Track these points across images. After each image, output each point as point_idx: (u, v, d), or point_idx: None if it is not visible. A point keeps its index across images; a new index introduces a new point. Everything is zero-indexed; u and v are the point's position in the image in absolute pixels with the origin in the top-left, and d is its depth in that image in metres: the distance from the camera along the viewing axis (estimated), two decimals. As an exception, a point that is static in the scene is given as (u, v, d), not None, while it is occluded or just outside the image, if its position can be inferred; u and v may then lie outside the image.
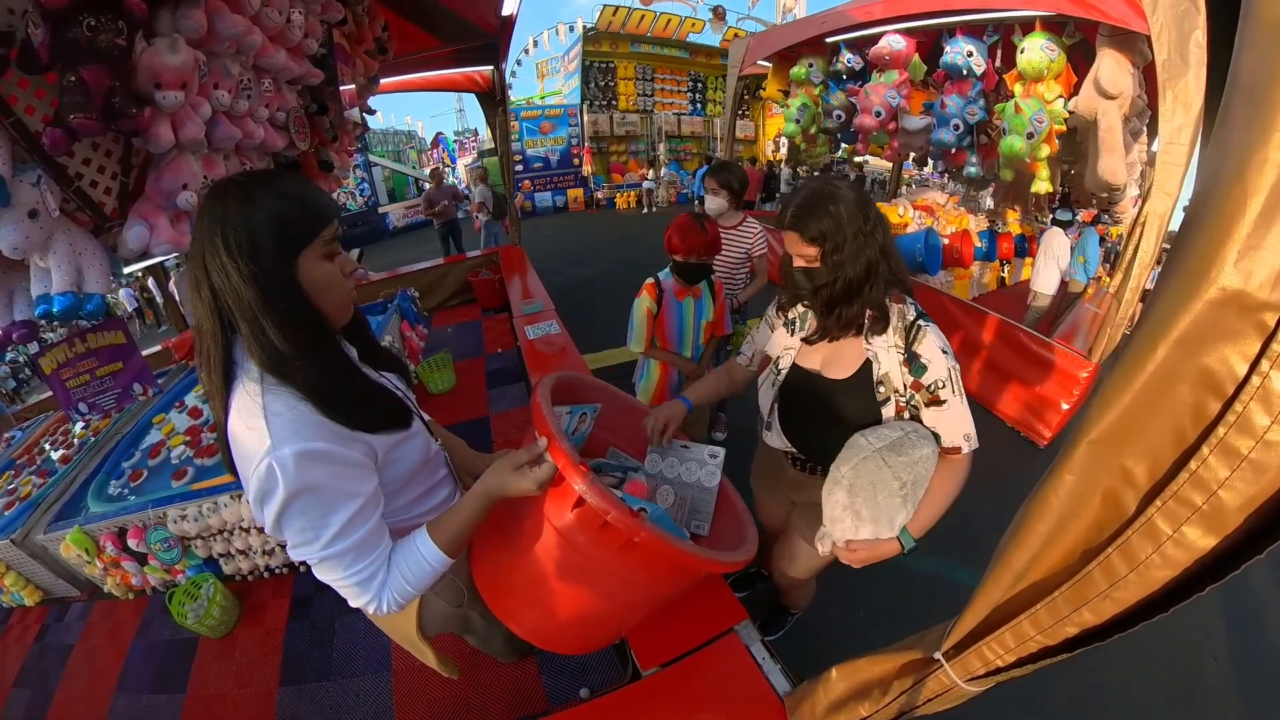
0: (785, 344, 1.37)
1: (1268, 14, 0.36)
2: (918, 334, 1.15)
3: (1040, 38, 3.21)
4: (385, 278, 4.86)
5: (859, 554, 1.13)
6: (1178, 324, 0.41)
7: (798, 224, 1.15)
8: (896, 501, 1.07)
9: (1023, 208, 5.32)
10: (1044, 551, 0.56)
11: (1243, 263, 0.37)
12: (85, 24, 1.08)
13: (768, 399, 1.40)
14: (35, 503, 2.26)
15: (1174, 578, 0.46)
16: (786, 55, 5.32)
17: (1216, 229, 0.38)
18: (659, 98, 13.19)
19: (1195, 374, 0.41)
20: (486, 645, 1.36)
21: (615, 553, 0.86)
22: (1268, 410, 0.38)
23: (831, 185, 1.16)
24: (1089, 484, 0.51)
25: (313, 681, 1.81)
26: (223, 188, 0.77)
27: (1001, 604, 0.63)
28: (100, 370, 1.92)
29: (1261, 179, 0.36)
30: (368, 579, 0.84)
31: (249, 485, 0.76)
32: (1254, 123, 0.36)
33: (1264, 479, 0.39)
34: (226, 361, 0.79)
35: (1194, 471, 0.42)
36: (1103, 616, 0.52)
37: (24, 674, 2.05)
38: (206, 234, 0.75)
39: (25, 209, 1.20)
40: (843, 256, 1.13)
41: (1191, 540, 0.44)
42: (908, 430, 1.13)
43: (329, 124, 2.75)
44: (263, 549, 2.15)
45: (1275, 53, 0.35)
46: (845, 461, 1.13)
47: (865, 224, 1.13)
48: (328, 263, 0.83)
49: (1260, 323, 0.37)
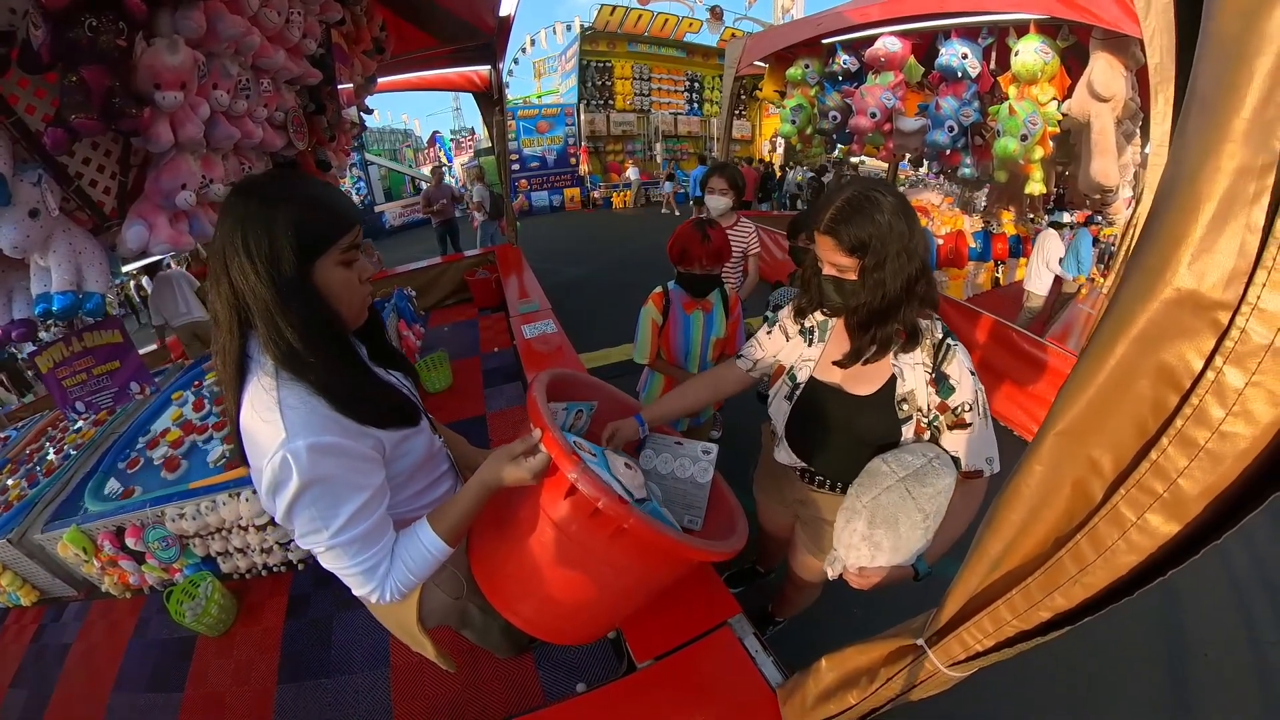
0: (803, 355, 1.29)
1: (1221, 29, 0.39)
2: (947, 353, 1.10)
3: (1034, 40, 3.24)
4: (382, 277, 4.87)
5: (871, 580, 1.08)
6: (1137, 322, 0.44)
7: (836, 230, 1.06)
8: (919, 534, 1.03)
9: (1017, 209, 5.37)
10: (1018, 539, 0.59)
11: (1196, 264, 0.40)
12: (86, 24, 1.09)
13: (781, 413, 1.32)
14: (32, 502, 2.25)
15: (1140, 562, 0.49)
16: (783, 56, 5.34)
17: (1172, 232, 0.41)
18: (656, 97, 13.22)
19: (1154, 369, 0.44)
20: (484, 640, 1.37)
21: (607, 540, 0.89)
22: (1222, 403, 0.40)
23: (875, 191, 1.05)
24: (1058, 474, 0.53)
25: (311, 679, 1.81)
26: (247, 187, 0.79)
27: (979, 591, 0.65)
28: (97, 369, 1.93)
29: (1213, 186, 0.38)
30: (372, 568, 0.86)
31: (262, 475, 0.78)
32: (1206, 132, 0.39)
33: (1221, 468, 0.41)
34: (241, 355, 0.81)
35: (1155, 461, 0.44)
36: (1074, 601, 0.54)
37: (21, 674, 2.03)
38: (228, 233, 0.77)
39: (26, 208, 1.21)
40: (884, 274, 1.04)
41: (1155, 527, 0.46)
42: (930, 457, 1.08)
43: (327, 123, 2.76)
44: (261, 547, 2.15)
45: (1225, 66, 0.37)
46: (866, 490, 1.08)
47: (910, 239, 1.04)
48: (345, 269, 0.85)
49: (1214, 321, 0.40)
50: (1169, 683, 1.94)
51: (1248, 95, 0.36)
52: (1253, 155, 0.37)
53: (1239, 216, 0.37)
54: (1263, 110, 0.36)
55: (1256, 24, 0.35)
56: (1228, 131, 0.37)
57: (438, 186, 7.59)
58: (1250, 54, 0.36)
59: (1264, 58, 0.35)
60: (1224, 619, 2.15)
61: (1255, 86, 0.36)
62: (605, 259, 8.00)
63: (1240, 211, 0.37)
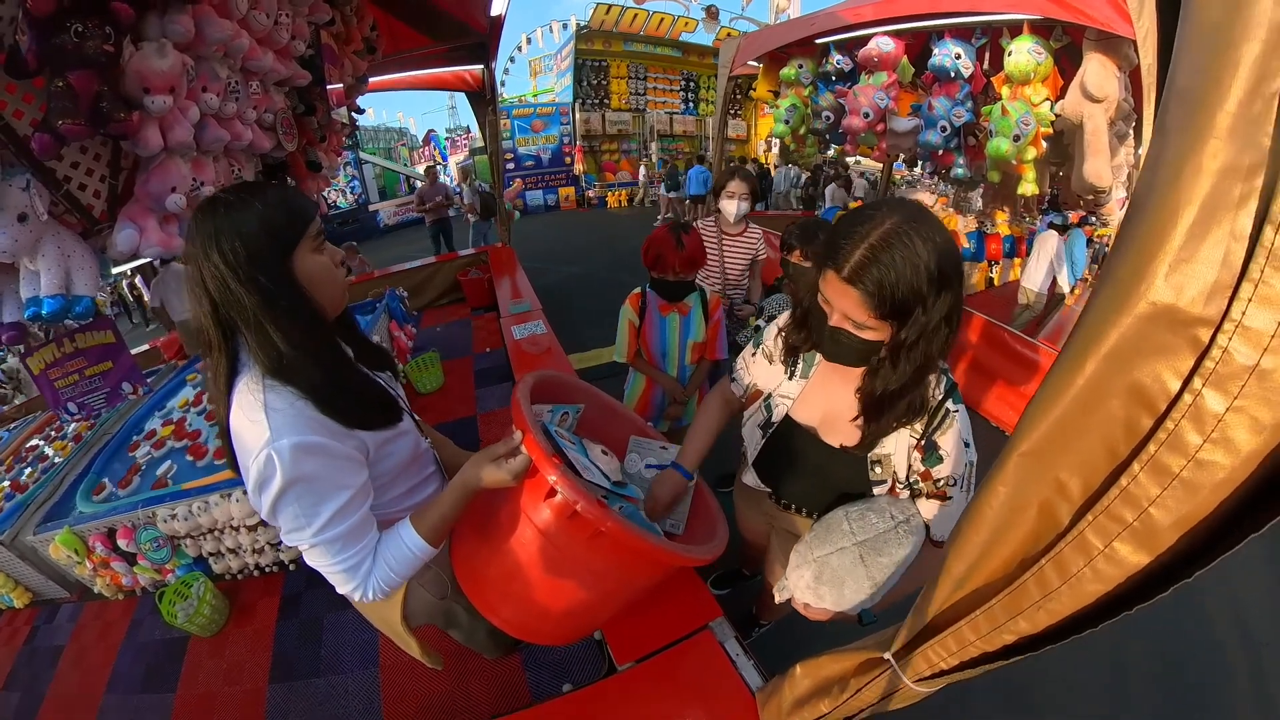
0: (781, 390, 1.17)
1: (1205, 16, 0.35)
2: (944, 420, 0.96)
3: (1028, 41, 3.26)
4: (375, 276, 4.86)
5: (814, 615, 1.04)
6: (1107, 338, 0.40)
7: (863, 280, 0.82)
8: (864, 597, 0.96)
9: (1011, 209, 5.39)
10: (981, 560, 0.57)
11: (1174, 276, 0.36)
12: (73, 30, 1.09)
13: (754, 442, 1.24)
14: (24, 503, 2.25)
15: (1107, 592, 0.46)
16: (777, 56, 5.34)
17: (1148, 240, 0.37)
18: (651, 96, 13.19)
19: (1127, 389, 0.41)
20: (471, 640, 1.38)
21: (585, 542, 0.90)
22: (1200, 429, 0.37)
23: (924, 229, 0.80)
24: (1022, 495, 0.51)
25: (302, 678, 1.83)
26: (209, 205, 0.81)
27: (944, 609, 0.64)
28: (89, 370, 1.93)
29: (1195, 188, 0.34)
30: (354, 566, 0.88)
31: (249, 474, 0.80)
32: (1188, 129, 0.35)
33: (1196, 499, 0.38)
34: (231, 365, 0.84)
35: (1124, 488, 0.42)
36: (1038, 626, 0.52)
37: (14, 676, 2.04)
38: (201, 250, 0.78)
39: (14, 213, 1.21)
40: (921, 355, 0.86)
41: (1123, 556, 0.43)
42: (898, 521, 0.99)
43: (317, 124, 2.75)
44: (253, 548, 2.15)
45: (1210, 56, 0.34)
46: (819, 545, 1.01)
47: (957, 299, 0.84)
48: (320, 255, 0.88)
49: (1194, 338, 0.36)
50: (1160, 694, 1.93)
51: (1232, 87, 0.32)
52: (1238, 153, 0.33)
53: (1222, 222, 0.34)
54: (1249, 103, 0.32)
55: (1241, 8, 0.32)
56: (1211, 128, 0.33)
57: (432, 185, 7.58)
58: (1235, 41, 0.32)
59: (1250, 44, 0.31)
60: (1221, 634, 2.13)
61: (1241, 77, 0.32)
62: (599, 258, 8.00)
63: (1224, 217, 0.34)
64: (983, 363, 3.81)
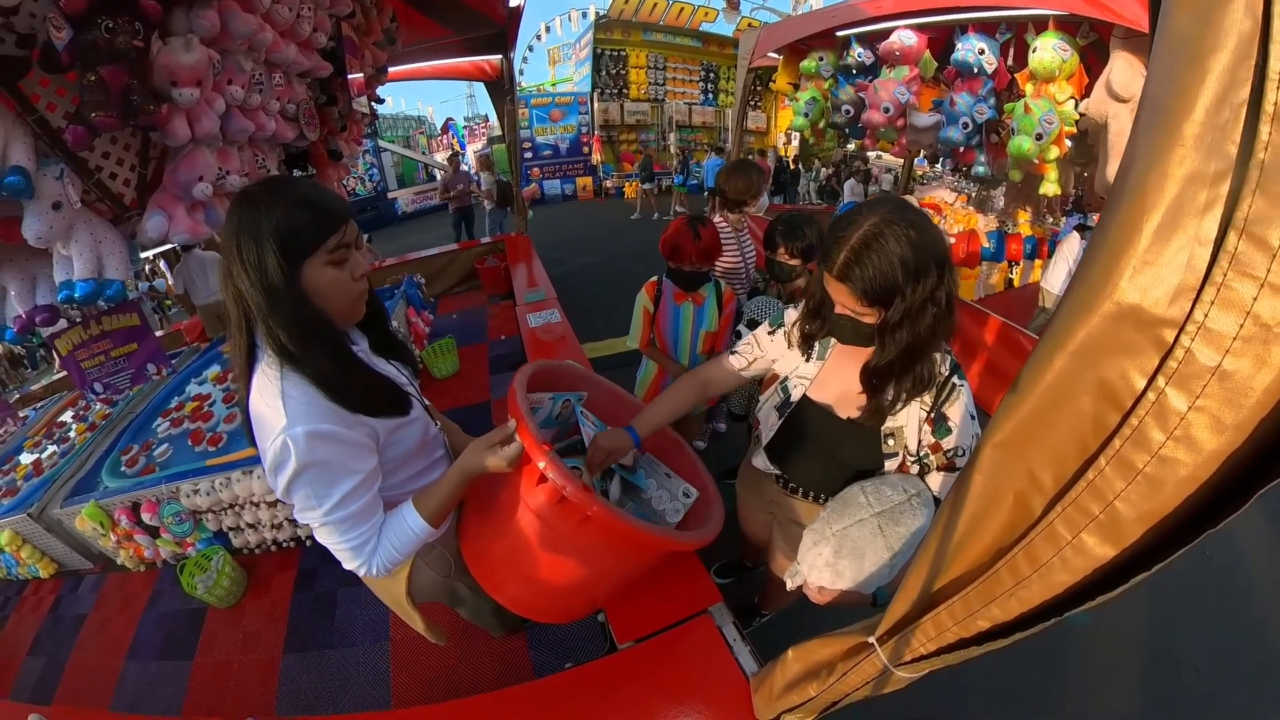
0: (799, 371, 1.23)
1: (1175, 28, 0.36)
2: (951, 394, 1.04)
3: (1053, 37, 3.18)
4: (393, 263, 4.94)
5: (828, 599, 1.07)
6: (1075, 335, 0.42)
7: (850, 276, 0.95)
8: (884, 570, 1.00)
9: (1033, 209, 5.28)
10: (960, 546, 0.59)
11: (1139, 277, 0.37)
12: (103, 26, 1.14)
13: (769, 424, 1.29)
14: (51, 478, 2.36)
15: (1075, 582, 0.47)
16: (797, 48, 5.27)
17: (1116, 241, 0.38)
18: (670, 87, 13.07)
19: (1094, 385, 0.42)
20: (477, 617, 1.44)
21: (576, 526, 0.94)
22: (1163, 427, 0.38)
23: (898, 225, 0.92)
24: (997, 486, 0.53)
25: (315, 649, 1.90)
26: (241, 198, 0.85)
27: (923, 594, 0.65)
28: (115, 351, 2.01)
29: (1160, 194, 0.36)
30: (360, 545, 0.94)
31: (265, 455, 0.85)
32: (1155, 136, 0.36)
33: (1160, 494, 0.39)
34: (250, 347, 0.88)
35: (1091, 481, 0.43)
36: (1010, 614, 0.54)
37: (38, 642, 2.15)
38: (228, 241, 0.83)
39: (49, 201, 1.27)
40: (908, 333, 0.96)
41: (1090, 548, 0.44)
42: (911, 494, 1.04)
43: (338, 114, 2.81)
44: (271, 523, 2.23)
45: (1177, 65, 0.35)
46: (838, 518, 1.05)
47: (940, 282, 0.94)
48: (334, 269, 0.88)
49: (1158, 338, 0.37)
50: (1156, 697, 1.92)
51: (1200, 96, 0.33)
52: (1204, 161, 0.34)
53: (1187, 227, 0.35)
54: (1216, 112, 0.33)
55: (1212, 20, 0.33)
56: (1178, 136, 0.34)
57: (455, 173, 7.66)
58: (1205, 52, 0.33)
59: (1219, 55, 0.32)
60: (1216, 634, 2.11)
61: (1209, 86, 0.33)
62: (615, 249, 8.01)
63: (1188, 222, 0.35)
64: (997, 364, 3.76)
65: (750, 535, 1.72)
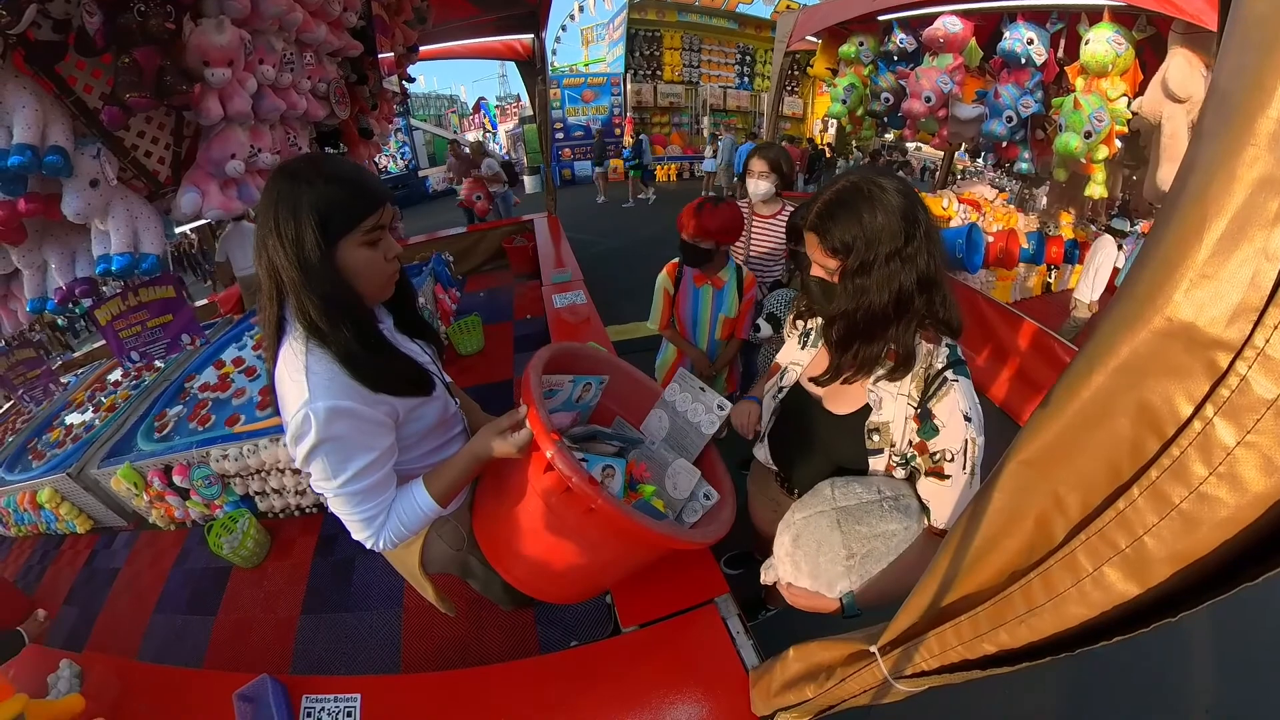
0: (793, 357, 1.25)
1: (1249, 11, 0.31)
2: (940, 388, 0.97)
3: (1108, 29, 2.99)
4: (423, 240, 5.01)
5: (798, 599, 1.04)
6: (1118, 352, 0.38)
7: (819, 226, 0.97)
8: (839, 569, 0.96)
9: (1077, 211, 5.04)
10: (972, 566, 0.56)
11: (1195, 292, 0.33)
12: (136, 9, 1.17)
13: (768, 411, 1.30)
14: (90, 441, 2.49)
15: (1090, 618, 0.44)
16: (836, 32, 5.10)
17: (1170, 252, 0.34)
18: (705, 69, 12.80)
19: (1135, 407, 0.38)
20: (488, 590, 1.48)
21: (581, 516, 0.95)
22: (1206, 461, 0.34)
23: (873, 183, 0.94)
24: (1019, 505, 0.49)
25: (331, 611, 1.98)
26: (281, 171, 0.87)
27: (930, 610, 0.63)
28: (151, 322, 2.09)
29: (1226, 199, 0.31)
30: (370, 518, 0.97)
31: (287, 426, 0.89)
32: (1224, 134, 0.32)
33: (1194, 534, 0.36)
34: (279, 318, 0.92)
35: (1121, 511, 0.39)
36: (1018, 641, 0.51)
37: (73, 593, 2.29)
38: (265, 212, 0.85)
39: (86, 179, 1.32)
40: (867, 281, 0.93)
41: (1111, 582, 0.41)
42: (886, 496, 0.99)
43: (369, 93, 2.83)
44: (295, 489, 2.31)
45: (1254, 53, 0.30)
46: (801, 507, 1.04)
47: (906, 244, 0.92)
48: (369, 249, 0.91)
49: (1210, 362, 0.33)
50: None
51: (1278, 89, 0.29)
52: (1278, 164, 0.29)
53: (1254, 239, 0.30)
54: None
55: None
56: (1250, 134, 0.30)
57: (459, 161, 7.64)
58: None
59: None
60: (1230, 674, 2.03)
61: None
62: (644, 233, 7.96)
63: (1256, 233, 0.30)
64: (1026, 370, 3.64)
65: (760, 529, 1.73)
